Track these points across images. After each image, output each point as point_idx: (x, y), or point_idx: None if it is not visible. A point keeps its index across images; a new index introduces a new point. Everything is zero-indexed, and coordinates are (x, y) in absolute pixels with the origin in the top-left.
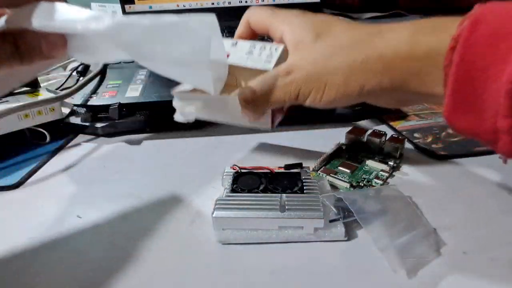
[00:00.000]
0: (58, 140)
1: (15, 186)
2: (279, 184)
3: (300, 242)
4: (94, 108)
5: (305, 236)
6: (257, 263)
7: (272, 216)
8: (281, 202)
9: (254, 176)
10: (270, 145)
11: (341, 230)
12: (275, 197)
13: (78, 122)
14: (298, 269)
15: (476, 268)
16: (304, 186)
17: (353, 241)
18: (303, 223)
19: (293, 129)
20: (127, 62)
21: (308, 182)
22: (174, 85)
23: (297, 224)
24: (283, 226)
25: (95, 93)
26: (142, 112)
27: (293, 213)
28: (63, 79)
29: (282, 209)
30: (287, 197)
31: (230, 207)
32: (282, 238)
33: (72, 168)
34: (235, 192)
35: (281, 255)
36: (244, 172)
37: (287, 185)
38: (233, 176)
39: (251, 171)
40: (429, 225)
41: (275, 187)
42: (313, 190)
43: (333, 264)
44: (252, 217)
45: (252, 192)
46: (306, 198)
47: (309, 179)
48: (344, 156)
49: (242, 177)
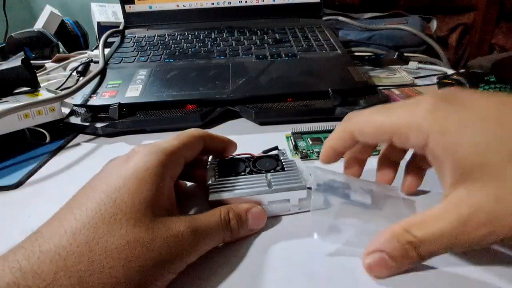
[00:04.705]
0: (58, 140)
1: (15, 186)
2: (262, 166)
3: (287, 214)
4: (94, 108)
5: (291, 208)
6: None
7: (262, 193)
8: (267, 180)
9: (238, 162)
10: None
11: (320, 199)
12: (261, 177)
13: (78, 122)
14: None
15: (476, 268)
16: (284, 165)
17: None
18: (289, 196)
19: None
20: (127, 62)
21: (286, 161)
22: (174, 85)
23: (284, 197)
24: (272, 201)
25: (95, 93)
26: (142, 112)
27: (279, 188)
28: (63, 79)
29: (269, 186)
30: (272, 176)
31: (223, 189)
32: (271, 212)
33: (72, 168)
34: (224, 176)
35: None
36: (228, 159)
37: (269, 166)
38: (218, 163)
39: (234, 158)
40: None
41: (259, 169)
42: (292, 167)
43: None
44: (244, 196)
45: (240, 175)
46: (288, 174)
47: (286, 158)
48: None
49: (227, 164)
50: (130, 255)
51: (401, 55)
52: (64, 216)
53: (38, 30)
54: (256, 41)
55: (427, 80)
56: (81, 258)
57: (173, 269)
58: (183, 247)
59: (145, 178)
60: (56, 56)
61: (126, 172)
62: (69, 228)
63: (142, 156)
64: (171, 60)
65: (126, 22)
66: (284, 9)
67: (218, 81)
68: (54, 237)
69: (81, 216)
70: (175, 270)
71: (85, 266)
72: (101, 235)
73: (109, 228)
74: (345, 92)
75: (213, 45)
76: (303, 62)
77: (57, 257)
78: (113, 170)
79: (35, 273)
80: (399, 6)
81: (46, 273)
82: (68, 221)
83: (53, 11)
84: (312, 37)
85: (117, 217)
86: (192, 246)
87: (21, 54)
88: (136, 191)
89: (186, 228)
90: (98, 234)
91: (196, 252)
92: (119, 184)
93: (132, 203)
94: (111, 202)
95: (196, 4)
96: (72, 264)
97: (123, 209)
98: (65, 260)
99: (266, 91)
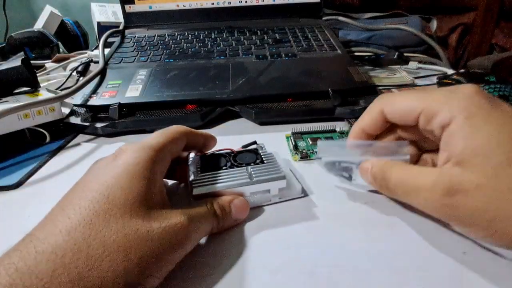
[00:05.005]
0: (58, 140)
1: (15, 186)
2: (242, 159)
3: (268, 204)
4: (94, 108)
5: (272, 198)
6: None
7: (244, 185)
8: (248, 173)
9: (219, 157)
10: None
11: (298, 188)
12: (242, 170)
13: (78, 122)
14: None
15: (476, 268)
16: (263, 158)
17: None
18: (269, 186)
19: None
20: (127, 62)
21: (265, 154)
22: (174, 85)
23: (264, 188)
24: (253, 192)
25: (95, 93)
26: (142, 112)
27: (260, 179)
28: (63, 79)
29: (250, 178)
30: (252, 168)
31: (206, 183)
32: (253, 203)
33: (72, 168)
34: (206, 171)
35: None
36: (209, 155)
37: (249, 159)
38: (200, 159)
39: (215, 153)
40: None
41: (239, 162)
42: (271, 159)
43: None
44: (227, 188)
45: (221, 169)
46: (267, 166)
47: (265, 152)
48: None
49: (209, 159)
50: (129, 248)
51: (401, 55)
52: (56, 217)
53: (38, 30)
54: (256, 41)
55: (427, 80)
56: (79, 255)
57: (171, 259)
58: (180, 236)
59: (136, 173)
60: (56, 56)
61: (116, 169)
62: (64, 227)
63: (131, 153)
64: (171, 60)
65: (126, 22)
66: (284, 9)
67: (218, 81)
68: (49, 237)
69: (75, 215)
70: (173, 261)
71: (83, 262)
72: (97, 231)
73: (105, 224)
74: (345, 92)
75: (213, 45)
76: (303, 62)
77: (54, 256)
78: (103, 169)
79: (32, 273)
80: (399, 6)
81: (43, 273)
82: (62, 221)
83: (53, 11)
84: (312, 37)
85: (112, 213)
86: (188, 236)
87: (21, 54)
88: (128, 186)
89: (181, 218)
90: (94, 230)
91: (191, 242)
92: (111, 181)
93: (125, 198)
94: (104, 198)
95: (196, 4)
96: (70, 261)
97: (117, 205)
98: (62, 258)
99: (266, 91)
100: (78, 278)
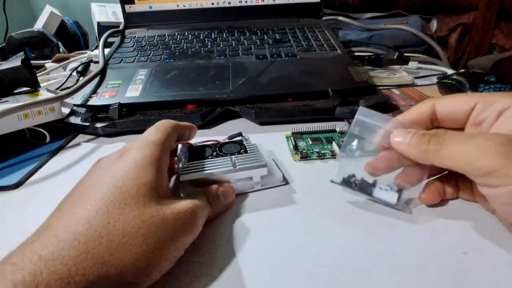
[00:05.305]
0: (58, 140)
1: (15, 186)
2: (227, 150)
3: (252, 191)
4: (94, 108)
5: (254, 185)
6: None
7: (228, 172)
8: (232, 161)
9: (205, 147)
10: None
11: (279, 176)
12: (227, 159)
13: (78, 122)
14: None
15: (476, 268)
16: (247, 148)
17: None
18: (251, 174)
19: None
20: (127, 62)
21: (249, 145)
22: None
23: (247, 175)
24: (237, 179)
25: (95, 93)
26: (142, 112)
27: (243, 167)
28: (63, 79)
29: (234, 166)
30: (236, 157)
31: (193, 171)
32: (238, 190)
33: (72, 168)
34: (193, 160)
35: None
36: (196, 146)
37: (234, 149)
38: (188, 149)
39: (202, 145)
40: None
41: (224, 152)
42: (254, 149)
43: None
44: (213, 175)
45: (208, 159)
46: (250, 156)
47: (249, 143)
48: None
49: (196, 150)
50: (147, 232)
51: (401, 55)
52: (71, 208)
53: (38, 30)
54: (256, 41)
55: (427, 80)
56: (101, 240)
57: (183, 243)
58: (191, 221)
59: (145, 165)
60: (56, 56)
61: (125, 164)
62: (83, 216)
63: (136, 149)
64: (171, 60)
65: (126, 22)
66: (284, 9)
67: (218, 81)
68: (69, 226)
69: (91, 205)
70: (184, 245)
71: (105, 247)
72: (115, 219)
73: (122, 212)
74: (345, 92)
75: (213, 45)
76: (303, 62)
77: (76, 243)
78: (111, 166)
79: (56, 259)
80: (399, 6)
81: (67, 258)
82: (79, 212)
83: (53, 11)
84: (312, 37)
85: (127, 202)
86: (196, 221)
87: (21, 54)
88: (139, 177)
89: (190, 204)
90: (112, 218)
91: (198, 227)
92: (122, 174)
93: (137, 188)
94: (117, 189)
95: (196, 4)
96: (93, 246)
97: (131, 194)
98: (85, 244)
99: (266, 91)
100: (101, 262)
